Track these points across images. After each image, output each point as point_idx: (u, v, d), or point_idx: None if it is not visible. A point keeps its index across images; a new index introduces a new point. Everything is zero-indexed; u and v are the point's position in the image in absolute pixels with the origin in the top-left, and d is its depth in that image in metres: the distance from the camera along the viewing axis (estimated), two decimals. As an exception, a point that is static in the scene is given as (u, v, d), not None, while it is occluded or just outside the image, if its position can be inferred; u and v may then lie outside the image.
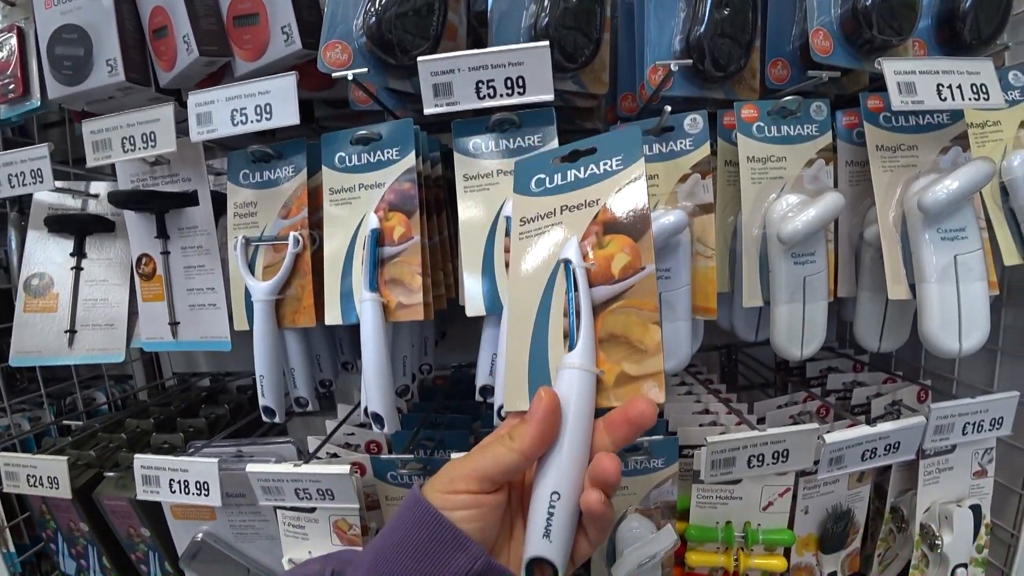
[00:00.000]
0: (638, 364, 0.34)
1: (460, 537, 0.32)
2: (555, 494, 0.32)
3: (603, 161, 0.38)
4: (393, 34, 0.49)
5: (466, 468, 0.34)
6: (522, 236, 0.40)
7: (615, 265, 0.36)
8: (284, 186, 0.58)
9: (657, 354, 0.34)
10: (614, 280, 0.36)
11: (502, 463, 0.33)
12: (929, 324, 0.53)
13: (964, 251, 0.53)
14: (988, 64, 0.54)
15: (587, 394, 0.34)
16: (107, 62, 0.59)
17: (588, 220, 0.37)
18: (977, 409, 0.61)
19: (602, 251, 0.36)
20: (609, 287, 0.36)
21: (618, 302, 0.35)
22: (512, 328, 0.38)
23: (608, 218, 0.37)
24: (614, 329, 0.35)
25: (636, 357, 0.34)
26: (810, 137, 0.57)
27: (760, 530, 0.63)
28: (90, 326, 0.69)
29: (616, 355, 0.35)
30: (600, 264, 0.36)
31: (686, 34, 0.56)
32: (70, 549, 0.78)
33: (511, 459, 0.33)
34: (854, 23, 0.55)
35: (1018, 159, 0.58)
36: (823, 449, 0.57)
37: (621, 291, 0.35)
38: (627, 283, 0.35)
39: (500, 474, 0.33)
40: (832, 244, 0.58)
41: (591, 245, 0.37)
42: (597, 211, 0.37)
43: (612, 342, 0.35)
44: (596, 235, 0.37)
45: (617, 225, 0.36)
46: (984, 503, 0.67)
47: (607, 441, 0.34)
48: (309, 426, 0.91)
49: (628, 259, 0.36)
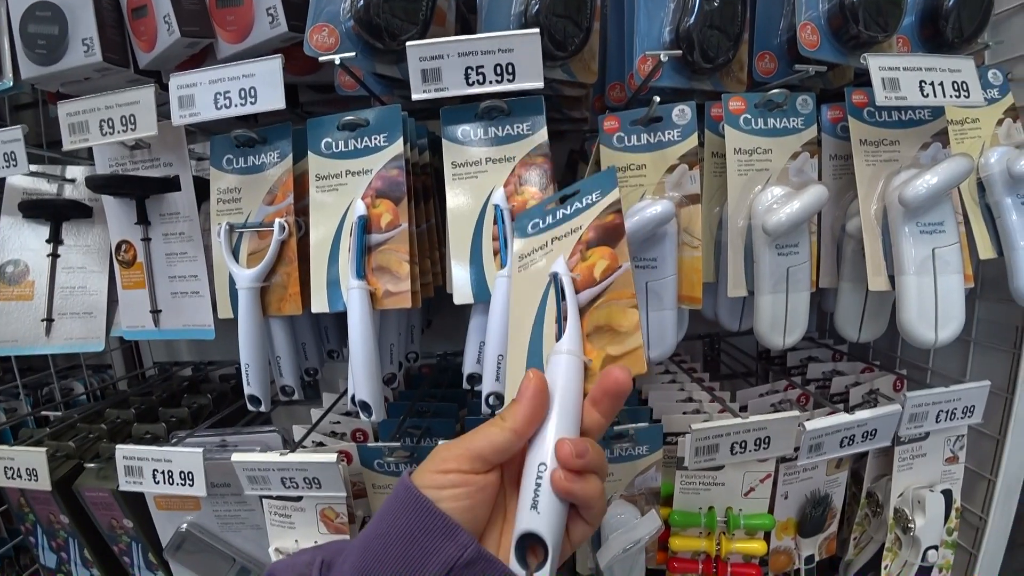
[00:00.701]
0: (620, 344, 0.37)
1: (450, 525, 0.32)
2: (542, 465, 0.33)
3: (585, 196, 0.43)
4: (381, 18, 0.49)
5: (458, 448, 0.34)
6: (520, 269, 0.45)
7: (596, 270, 0.40)
8: (269, 172, 0.57)
9: (636, 332, 0.37)
10: (596, 283, 0.39)
11: (494, 441, 0.34)
12: (907, 315, 0.54)
13: (942, 244, 0.54)
14: (969, 62, 0.55)
15: (574, 375, 0.36)
16: (83, 41, 0.57)
17: (574, 242, 0.42)
18: (950, 398, 0.63)
19: (585, 262, 0.41)
20: (593, 288, 0.39)
21: (601, 298, 0.39)
22: (512, 342, 0.42)
23: (590, 237, 0.41)
24: (598, 321, 0.38)
25: (618, 339, 0.37)
26: (796, 130, 0.57)
27: (741, 515, 0.64)
28: (68, 315, 0.68)
29: (601, 342, 0.38)
30: (584, 273, 0.40)
31: (676, 25, 0.56)
32: (50, 542, 0.77)
33: (502, 437, 0.34)
34: (841, 18, 0.55)
35: (995, 156, 0.59)
36: (803, 436, 0.58)
37: (603, 289, 0.39)
38: (607, 281, 0.39)
39: (492, 452, 0.34)
40: (815, 236, 0.59)
41: (577, 260, 0.41)
42: (581, 234, 0.42)
43: (597, 333, 0.38)
44: (580, 252, 0.41)
45: (597, 240, 0.41)
46: (955, 488, 0.69)
47: (596, 416, 0.35)
48: (294, 415, 0.90)
49: (607, 263, 0.40)
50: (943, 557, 0.70)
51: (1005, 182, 0.58)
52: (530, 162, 0.51)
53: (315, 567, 0.35)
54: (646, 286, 0.56)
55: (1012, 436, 0.68)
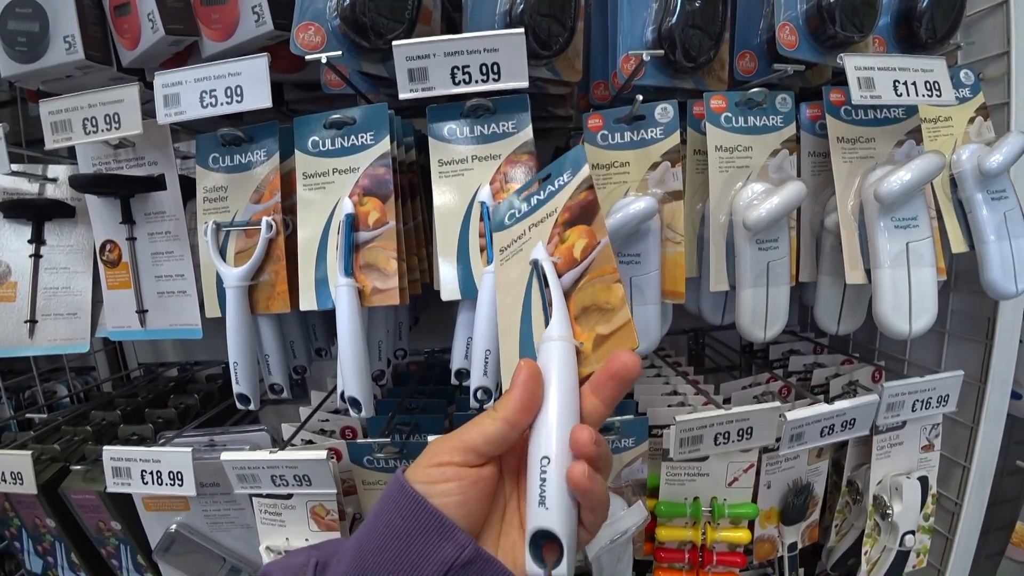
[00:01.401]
0: (608, 322, 0.36)
1: (446, 524, 0.31)
2: (544, 459, 0.31)
3: (557, 179, 0.42)
4: (367, 16, 0.49)
5: (451, 441, 0.34)
6: (502, 262, 0.44)
7: (576, 249, 0.39)
8: (256, 170, 0.57)
9: (623, 307, 0.36)
10: (578, 263, 0.39)
11: (486, 432, 0.33)
12: (882, 307, 0.56)
13: (916, 239, 0.56)
14: (941, 63, 0.57)
15: (567, 361, 0.35)
16: (65, 39, 0.56)
17: (551, 227, 0.41)
18: (925, 387, 0.65)
19: (564, 244, 0.40)
20: (575, 269, 0.39)
21: (584, 278, 0.38)
22: (503, 336, 0.42)
23: (566, 218, 0.40)
24: (584, 302, 0.38)
25: (606, 317, 0.37)
26: (775, 128, 0.59)
27: (726, 505, 0.66)
28: (52, 316, 0.67)
29: (589, 323, 0.37)
30: (564, 255, 0.39)
31: (658, 25, 0.57)
32: (36, 546, 0.76)
33: (494, 428, 0.33)
34: (818, 19, 0.57)
35: (967, 153, 0.61)
36: (784, 426, 0.60)
37: (585, 268, 0.39)
38: (588, 259, 0.38)
39: (485, 444, 0.33)
40: (794, 231, 0.60)
41: (556, 243, 0.40)
42: (557, 217, 0.41)
43: (584, 314, 0.37)
44: (558, 235, 0.40)
45: (574, 220, 0.40)
46: (931, 475, 0.72)
47: (597, 402, 0.34)
48: (282, 414, 0.90)
49: (586, 241, 0.39)
50: (920, 542, 0.72)
51: (976, 178, 0.60)
52: (516, 160, 0.52)
53: (309, 568, 0.35)
54: (630, 281, 0.57)
55: (985, 424, 0.71)
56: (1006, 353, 0.69)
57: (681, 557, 0.68)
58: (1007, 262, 0.59)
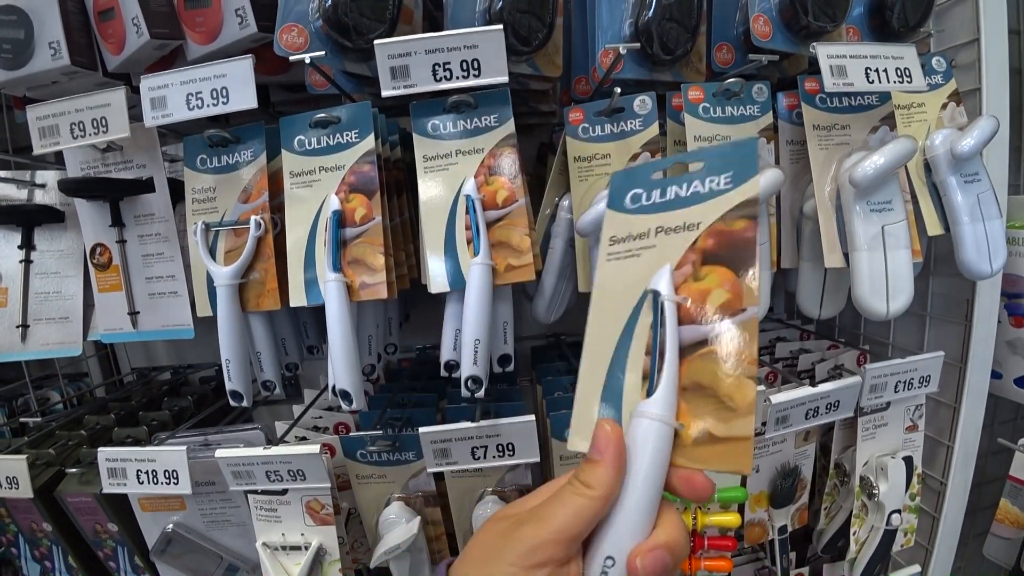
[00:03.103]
0: (725, 424, 0.29)
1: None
2: (609, 559, 0.28)
3: (709, 178, 0.33)
4: (349, 17, 0.50)
5: (546, 530, 0.28)
6: (610, 257, 0.35)
7: (711, 303, 0.31)
8: (243, 171, 0.58)
9: (749, 415, 0.29)
10: (709, 321, 0.31)
11: (585, 515, 0.28)
12: (860, 289, 0.57)
13: (890, 222, 0.57)
14: (911, 50, 0.58)
15: (663, 449, 0.29)
16: (50, 45, 0.57)
17: (685, 246, 0.33)
18: (907, 368, 0.67)
19: (697, 284, 0.32)
20: (702, 328, 0.31)
21: (709, 347, 0.30)
22: (588, 358, 0.34)
23: (708, 246, 0.32)
24: (701, 378, 0.30)
25: (723, 415, 0.29)
26: (752, 117, 0.60)
27: (715, 489, 0.67)
28: (43, 320, 0.67)
29: (700, 408, 0.30)
30: (694, 299, 0.31)
31: (635, 19, 0.58)
32: (33, 551, 0.76)
33: (593, 507, 0.28)
34: (791, 10, 0.58)
35: (939, 138, 0.63)
36: (770, 409, 0.61)
37: (716, 334, 0.30)
38: (723, 326, 0.30)
39: (586, 528, 0.28)
40: (775, 218, 0.62)
41: (686, 276, 0.32)
42: (697, 236, 0.32)
43: (697, 392, 0.30)
44: (692, 264, 0.32)
45: (718, 256, 0.31)
46: (916, 455, 0.73)
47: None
48: (276, 413, 0.91)
49: (727, 297, 0.31)
50: (907, 521, 0.74)
51: (949, 162, 0.61)
52: (499, 153, 0.53)
53: None
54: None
55: (967, 403, 0.72)
56: (985, 333, 0.70)
57: (673, 542, 0.69)
58: (981, 243, 0.61)
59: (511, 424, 0.56)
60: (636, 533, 0.28)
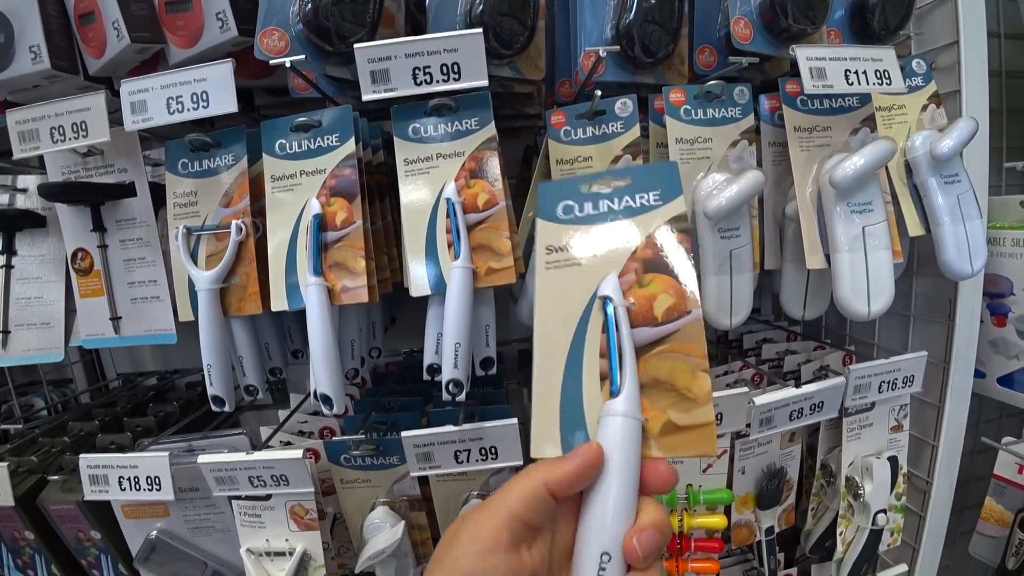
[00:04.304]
0: (687, 413, 0.32)
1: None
2: (605, 555, 0.29)
3: (639, 194, 0.36)
4: (330, 21, 0.50)
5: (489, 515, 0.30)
6: (549, 266, 0.37)
7: (658, 307, 0.34)
8: (224, 175, 0.57)
9: (707, 404, 0.32)
10: (657, 322, 0.34)
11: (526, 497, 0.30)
12: (842, 289, 0.57)
13: (871, 223, 0.58)
14: (890, 52, 0.58)
15: (635, 443, 0.31)
16: (30, 49, 0.57)
17: (626, 256, 0.35)
18: (890, 369, 0.67)
19: (643, 290, 0.34)
20: (652, 329, 0.34)
21: (662, 346, 0.33)
22: (541, 367, 0.35)
23: (648, 256, 0.35)
24: (658, 375, 0.33)
25: (684, 406, 0.32)
26: (734, 119, 0.60)
27: (701, 491, 0.67)
28: (25, 326, 0.67)
29: (661, 402, 0.32)
30: (641, 304, 0.34)
31: (616, 21, 0.58)
32: (15, 560, 0.75)
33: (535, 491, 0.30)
34: (772, 13, 0.59)
35: (920, 139, 0.63)
36: (754, 411, 0.61)
37: (665, 335, 0.33)
38: (672, 327, 0.33)
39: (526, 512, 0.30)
40: (756, 220, 0.62)
41: (631, 283, 0.35)
42: (636, 247, 0.35)
43: (656, 388, 0.33)
44: (636, 272, 0.35)
45: (658, 264, 0.35)
46: (901, 455, 0.73)
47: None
48: (262, 419, 0.90)
49: (672, 301, 0.34)
50: (893, 521, 0.74)
51: (929, 163, 0.62)
52: (480, 156, 0.53)
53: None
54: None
55: (950, 403, 0.73)
56: (967, 333, 0.71)
57: (660, 544, 0.69)
58: (962, 244, 0.61)
59: (494, 427, 0.56)
60: (624, 524, 0.30)
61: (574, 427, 0.33)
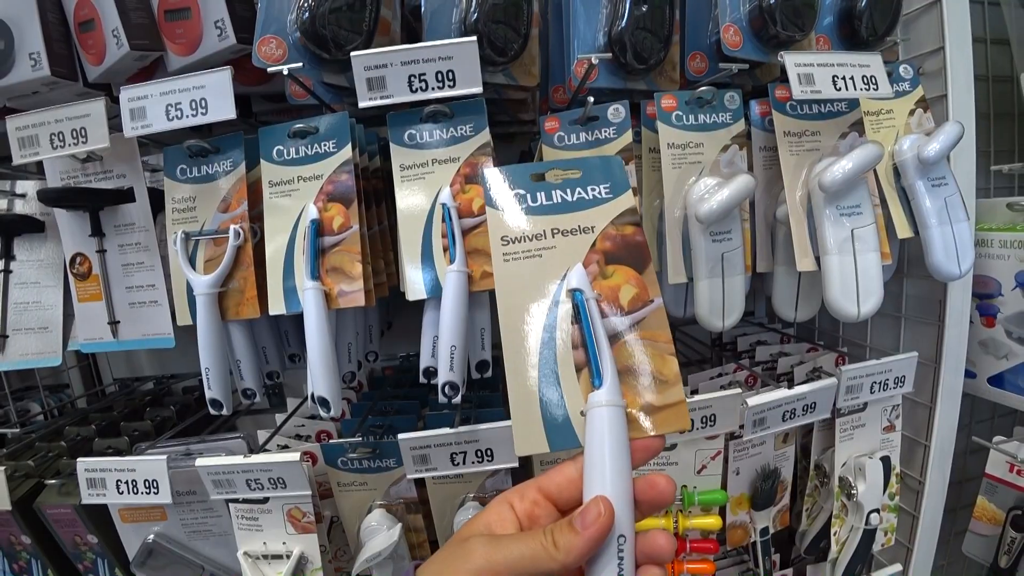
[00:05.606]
0: (661, 395, 0.34)
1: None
2: (621, 537, 0.30)
3: (590, 187, 0.37)
4: (327, 29, 0.51)
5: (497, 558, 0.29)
6: (507, 258, 0.36)
7: (623, 296, 0.35)
8: (222, 180, 0.58)
9: (677, 384, 0.34)
10: (623, 312, 0.35)
11: (537, 565, 0.29)
12: (831, 291, 0.58)
13: (859, 225, 0.59)
14: (877, 58, 0.60)
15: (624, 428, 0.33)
16: (30, 56, 0.57)
17: (586, 247, 0.36)
18: (882, 369, 0.68)
19: (607, 282, 0.36)
20: (620, 319, 0.35)
21: (630, 334, 0.35)
22: (513, 363, 0.35)
23: (608, 248, 0.36)
24: (629, 362, 0.35)
25: (657, 388, 0.34)
26: (724, 124, 0.62)
27: (696, 492, 0.68)
28: (23, 330, 0.67)
29: (637, 386, 0.34)
30: (607, 295, 0.35)
31: (608, 29, 0.59)
32: (11, 565, 0.75)
33: (548, 566, 0.29)
34: (761, 20, 0.60)
35: (907, 143, 0.64)
36: (746, 412, 0.62)
37: (632, 323, 0.35)
38: (638, 315, 0.35)
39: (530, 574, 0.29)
40: (748, 223, 0.63)
41: (595, 274, 0.36)
42: (594, 239, 0.36)
43: (630, 374, 0.34)
44: (598, 264, 0.36)
45: (618, 256, 0.36)
46: (893, 455, 0.74)
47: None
48: (259, 422, 0.91)
49: (635, 291, 0.35)
50: (887, 521, 0.75)
51: (916, 167, 0.63)
52: (475, 161, 0.54)
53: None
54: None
55: (942, 403, 0.73)
56: (957, 333, 0.72)
57: (655, 545, 0.69)
58: (950, 246, 0.62)
59: (489, 430, 0.57)
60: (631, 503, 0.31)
61: (557, 422, 0.34)
